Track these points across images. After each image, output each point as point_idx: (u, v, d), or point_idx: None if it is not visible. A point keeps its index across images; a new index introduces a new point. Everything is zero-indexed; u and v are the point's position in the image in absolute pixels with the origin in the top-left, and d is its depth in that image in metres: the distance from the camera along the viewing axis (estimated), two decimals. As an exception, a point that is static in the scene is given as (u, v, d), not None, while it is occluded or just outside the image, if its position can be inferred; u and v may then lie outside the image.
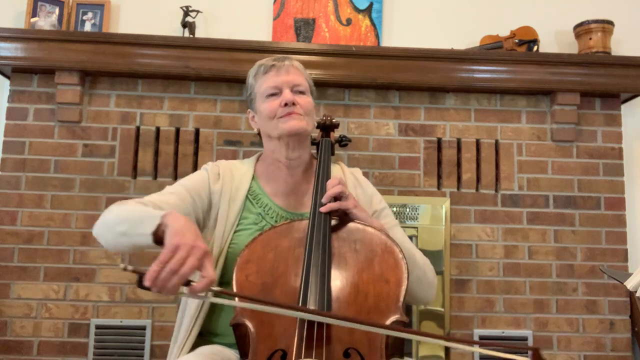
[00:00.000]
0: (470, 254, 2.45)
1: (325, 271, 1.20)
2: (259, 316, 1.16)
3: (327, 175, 1.41)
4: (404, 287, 1.21)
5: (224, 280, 1.37)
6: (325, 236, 1.26)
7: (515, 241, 2.47)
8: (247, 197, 1.45)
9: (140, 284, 1.05)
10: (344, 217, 1.34)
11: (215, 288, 1.10)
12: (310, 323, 1.12)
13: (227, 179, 1.45)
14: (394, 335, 1.16)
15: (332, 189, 1.33)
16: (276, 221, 1.42)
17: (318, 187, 1.37)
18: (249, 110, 1.55)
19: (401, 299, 1.20)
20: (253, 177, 1.49)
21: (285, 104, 1.41)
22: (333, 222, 1.31)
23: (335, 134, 1.61)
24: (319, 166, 1.44)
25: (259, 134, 1.54)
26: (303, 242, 1.26)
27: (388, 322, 1.17)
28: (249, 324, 1.16)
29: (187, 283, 1.06)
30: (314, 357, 1.09)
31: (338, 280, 1.22)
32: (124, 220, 1.22)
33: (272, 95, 1.44)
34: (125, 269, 1.02)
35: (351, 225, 1.32)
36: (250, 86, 1.51)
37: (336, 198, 1.33)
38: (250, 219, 1.42)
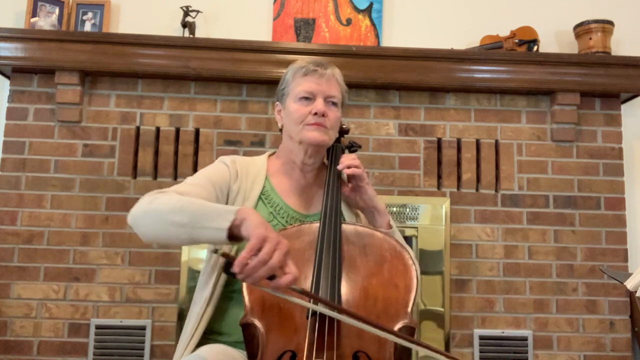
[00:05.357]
0: (470, 254, 2.45)
1: (336, 274, 1.20)
2: (270, 316, 1.17)
3: (337, 180, 1.44)
4: (413, 294, 1.22)
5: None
6: (336, 239, 1.27)
7: (515, 241, 2.47)
8: (259, 196, 1.46)
9: (227, 269, 1.06)
10: (354, 188, 1.45)
11: (296, 287, 1.09)
12: (321, 324, 1.12)
13: (243, 177, 1.46)
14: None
15: (351, 160, 1.45)
16: (287, 221, 1.43)
17: (328, 191, 1.39)
18: (277, 102, 1.56)
19: (410, 304, 1.20)
20: (265, 176, 1.50)
21: (315, 114, 1.43)
22: (343, 225, 1.33)
23: (345, 140, 1.62)
24: (330, 171, 1.46)
25: (280, 129, 1.55)
26: (313, 245, 1.27)
27: (396, 327, 1.17)
28: (259, 325, 1.16)
29: (272, 277, 1.07)
30: (324, 358, 1.09)
31: (348, 284, 1.23)
32: (181, 211, 1.18)
33: (305, 99, 1.45)
34: (215, 252, 1.07)
35: (360, 229, 1.34)
36: (286, 81, 1.52)
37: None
38: None
